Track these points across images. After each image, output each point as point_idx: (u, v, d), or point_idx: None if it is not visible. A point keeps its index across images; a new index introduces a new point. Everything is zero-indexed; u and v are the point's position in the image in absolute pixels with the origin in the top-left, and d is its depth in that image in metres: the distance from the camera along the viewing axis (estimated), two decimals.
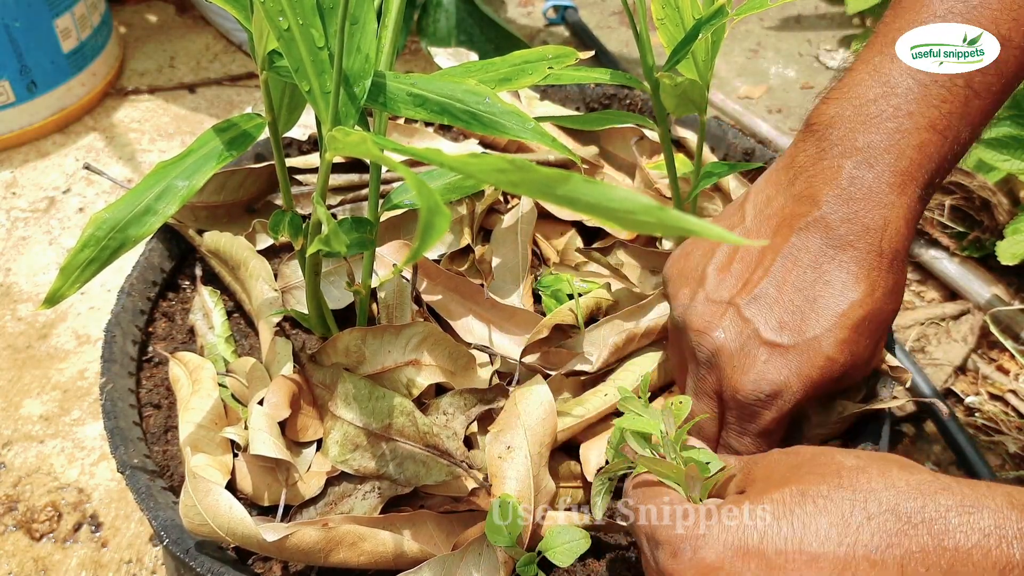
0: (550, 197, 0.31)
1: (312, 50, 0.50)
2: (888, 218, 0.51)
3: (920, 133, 0.52)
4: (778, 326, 0.52)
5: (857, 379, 0.55)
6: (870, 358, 0.54)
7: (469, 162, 0.32)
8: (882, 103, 0.52)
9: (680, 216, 0.30)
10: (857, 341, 0.51)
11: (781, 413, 0.52)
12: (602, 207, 0.30)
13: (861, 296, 0.51)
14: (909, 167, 0.52)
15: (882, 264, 0.52)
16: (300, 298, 0.67)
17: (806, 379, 0.51)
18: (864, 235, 0.51)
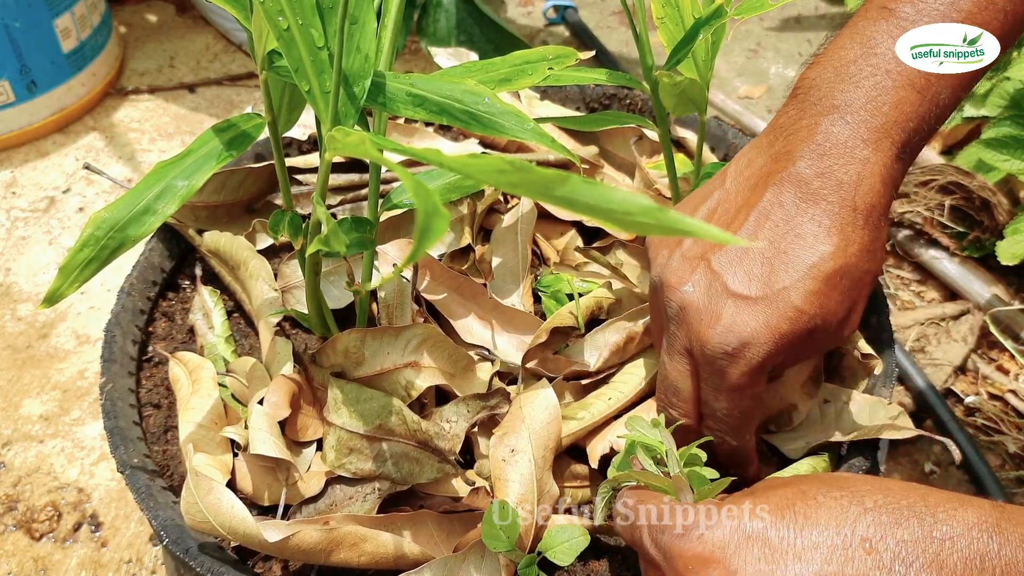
0: (549, 198, 0.31)
1: (312, 50, 0.50)
2: (862, 173, 0.51)
3: (898, 91, 0.51)
4: (747, 278, 0.51)
5: (831, 342, 0.53)
6: (844, 318, 0.52)
7: (468, 163, 0.32)
8: (861, 63, 0.53)
9: (679, 217, 0.30)
10: (828, 295, 0.51)
11: (751, 366, 0.51)
12: (601, 208, 0.30)
13: (833, 249, 0.51)
14: (885, 123, 0.51)
15: (856, 220, 0.51)
16: (300, 297, 0.67)
17: (775, 330, 0.50)
18: (837, 189, 0.51)
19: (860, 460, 0.56)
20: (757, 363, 0.51)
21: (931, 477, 0.87)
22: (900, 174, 0.53)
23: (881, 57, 0.52)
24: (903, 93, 0.51)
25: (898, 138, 0.52)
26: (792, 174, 0.52)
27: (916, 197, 1.04)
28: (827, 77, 0.53)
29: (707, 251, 0.53)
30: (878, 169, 0.51)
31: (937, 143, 1.16)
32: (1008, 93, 1.04)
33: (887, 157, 0.51)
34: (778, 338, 0.50)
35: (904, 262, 1.06)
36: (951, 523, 0.40)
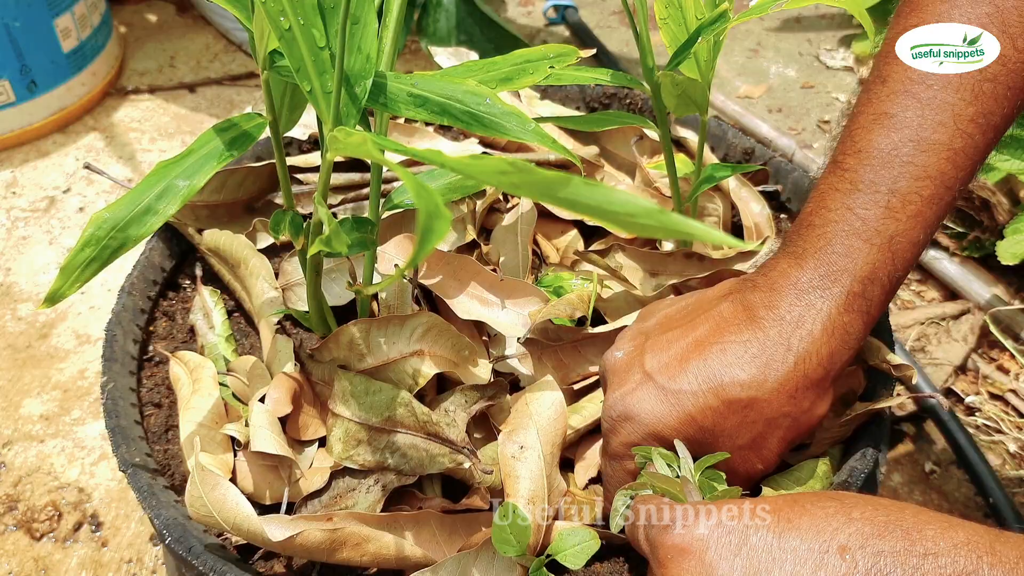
0: (551, 199, 0.31)
1: (313, 50, 0.50)
2: (804, 316, 0.51)
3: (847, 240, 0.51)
4: (663, 365, 0.53)
5: (738, 461, 0.53)
6: (747, 446, 0.52)
7: (470, 164, 0.32)
8: (815, 216, 0.53)
9: (681, 220, 0.30)
10: (726, 417, 0.51)
11: (627, 442, 0.53)
12: (603, 210, 0.30)
13: (747, 379, 0.51)
14: (834, 271, 0.51)
15: (786, 359, 0.51)
16: (301, 295, 0.67)
17: (659, 422, 0.52)
18: (777, 324, 0.51)
19: (861, 459, 0.56)
20: (633, 440, 0.53)
21: (931, 477, 0.87)
22: (853, 328, 0.51)
23: (830, 211, 0.52)
24: (850, 241, 0.51)
25: (848, 287, 0.51)
26: (747, 298, 0.53)
27: None
28: (794, 230, 0.55)
29: (651, 330, 0.56)
30: (822, 316, 0.51)
31: None
32: None
33: (834, 306, 0.51)
34: (659, 430, 0.52)
35: None
36: (937, 540, 0.40)
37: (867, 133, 0.52)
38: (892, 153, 0.51)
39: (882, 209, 0.51)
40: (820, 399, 0.52)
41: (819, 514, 0.42)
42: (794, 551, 0.41)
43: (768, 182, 0.79)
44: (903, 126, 0.51)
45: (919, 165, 0.51)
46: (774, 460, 0.53)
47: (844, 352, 0.52)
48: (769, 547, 0.41)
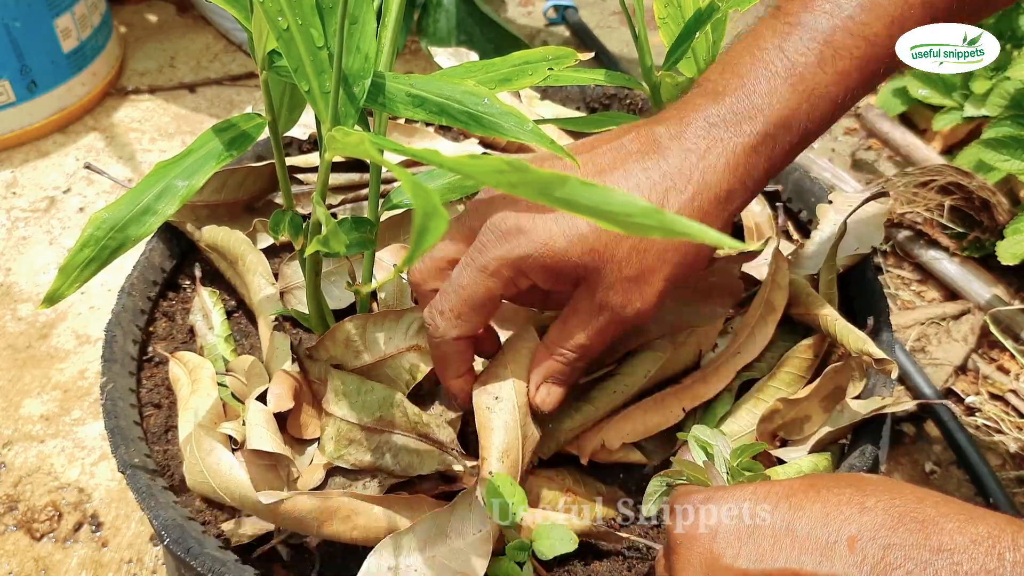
0: (548, 199, 0.31)
1: (311, 50, 0.50)
2: (709, 148, 0.50)
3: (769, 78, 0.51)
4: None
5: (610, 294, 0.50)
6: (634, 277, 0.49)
7: (467, 163, 0.32)
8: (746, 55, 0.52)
9: (678, 219, 0.30)
10: (619, 240, 0.49)
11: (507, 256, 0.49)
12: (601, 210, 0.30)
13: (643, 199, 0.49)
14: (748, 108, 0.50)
15: (684, 189, 0.49)
16: (300, 298, 0.67)
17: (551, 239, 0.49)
18: (681, 154, 0.50)
19: (860, 457, 0.56)
20: (515, 256, 0.49)
21: (931, 477, 0.87)
22: (756, 169, 0.51)
23: (761, 50, 0.52)
24: (774, 82, 0.51)
25: (761, 127, 0.50)
26: (653, 130, 0.52)
27: (916, 198, 1.04)
28: (716, 69, 0.53)
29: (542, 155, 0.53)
30: (728, 151, 0.50)
31: (937, 143, 1.16)
32: (1008, 93, 1.04)
33: (740, 143, 0.50)
34: (548, 247, 0.49)
35: (904, 262, 1.06)
36: (955, 535, 0.38)
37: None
38: (835, 4, 0.51)
39: (814, 57, 0.50)
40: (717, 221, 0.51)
41: (832, 500, 0.40)
42: (803, 539, 0.40)
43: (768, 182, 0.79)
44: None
45: (859, 22, 0.50)
46: (653, 301, 0.51)
47: (742, 192, 0.51)
48: (776, 534, 0.40)
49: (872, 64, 0.51)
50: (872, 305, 0.66)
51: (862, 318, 0.66)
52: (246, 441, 0.57)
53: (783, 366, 0.62)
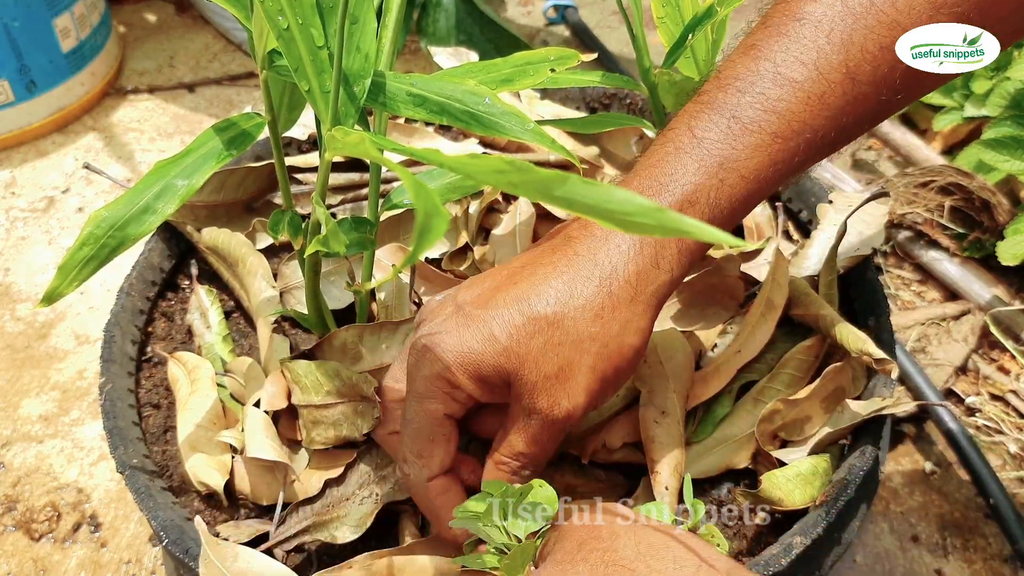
0: (548, 198, 0.31)
1: (312, 49, 0.50)
2: (612, 233, 0.49)
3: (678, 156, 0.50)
4: (474, 294, 0.50)
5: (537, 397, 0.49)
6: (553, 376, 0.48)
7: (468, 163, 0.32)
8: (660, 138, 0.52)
9: (679, 217, 0.30)
10: (531, 336, 0.48)
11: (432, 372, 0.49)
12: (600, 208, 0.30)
13: (553, 293, 0.48)
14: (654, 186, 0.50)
15: (592, 276, 0.49)
16: (300, 298, 0.67)
17: (464, 346, 0.48)
18: (588, 241, 0.49)
19: (860, 458, 0.56)
20: (436, 370, 0.49)
21: (931, 477, 0.87)
22: (665, 249, 0.49)
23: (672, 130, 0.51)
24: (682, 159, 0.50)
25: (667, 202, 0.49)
26: (568, 228, 0.52)
27: (916, 198, 1.04)
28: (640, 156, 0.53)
29: (477, 276, 0.53)
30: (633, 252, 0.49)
31: (938, 143, 1.16)
32: (1008, 93, 1.04)
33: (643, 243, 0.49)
34: (464, 354, 0.48)
35: (904, 263, 1.06)
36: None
37: (732, 65, 0.51)
38: (748, 81, 0.50)
39: (721, 132, 0.49)
40: (630, 325, 0.49)
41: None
42: None
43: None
44: (765, 58, 0.50)
45: (770, 98, 0.49)
46: (581, 400, 0.49)
47: (654, 272, 0.49)
48: None
49: (789, 139, 0.49)
50: (872, 306, 0.66)
51: (863, 319, 0.66)
52: (245, 448, 0.57)
53: (783, 367, 0.62)
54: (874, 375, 0.61)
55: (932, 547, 0.82)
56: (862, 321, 0.65)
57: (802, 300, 0.63)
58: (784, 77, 0.49)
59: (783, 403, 0.59)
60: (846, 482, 0.55)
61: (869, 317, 0.65)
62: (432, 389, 0.49)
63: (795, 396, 0.59)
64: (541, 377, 0.48)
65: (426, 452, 0.51)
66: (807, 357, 0.62)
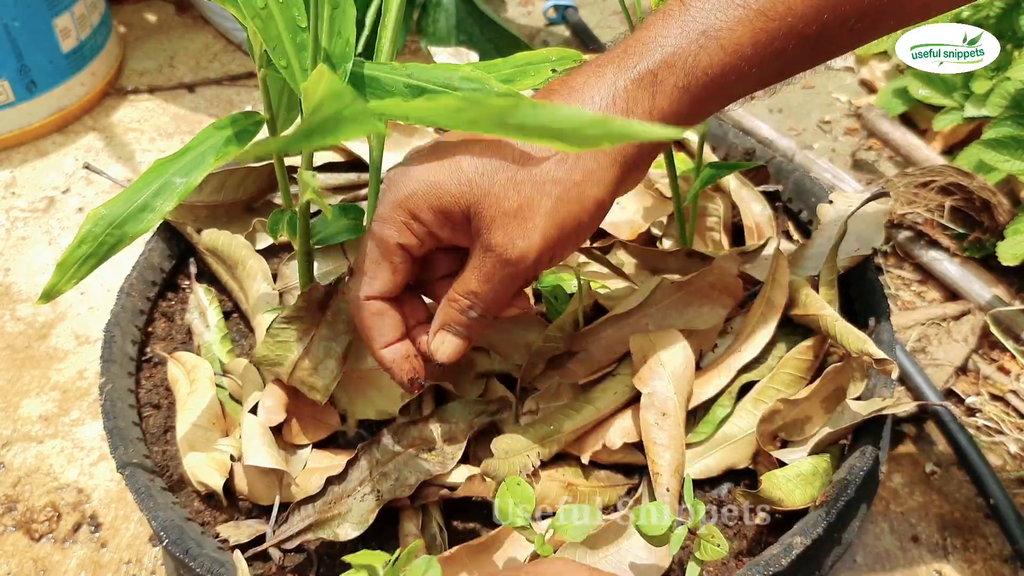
0: (504, 128, 0.31)
1: (292, 28, 0.50)
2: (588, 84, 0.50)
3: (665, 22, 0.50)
4: (451, 139, 0.50)
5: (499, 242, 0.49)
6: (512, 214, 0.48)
7: (425, 107, 0.33)
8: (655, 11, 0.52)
9: (625, 123, 0.31)
10: (496, 171, 0.48)
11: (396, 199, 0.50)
12: (551, 128, 0.31)
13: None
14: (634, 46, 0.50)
15: None
16: None
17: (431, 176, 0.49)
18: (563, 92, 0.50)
19: (860, 458, 0.56)
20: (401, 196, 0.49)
21: (932, 478, 0.87)
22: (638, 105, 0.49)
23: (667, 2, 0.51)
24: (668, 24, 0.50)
25: (644, 65, 0.49)
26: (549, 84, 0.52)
27: (916, 198, 1.04)
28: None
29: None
30: (606, 85, 0.49)
31: (938, 143, 1.16)
32: (1009, 93, 1.04)
33: (624, 78, 0.49)
34: (429, 183, 0.49)
35: (905, 263, 1.05)
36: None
37: None
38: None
39: (708, 2, 0.50)
40: (593, 176, 0.49)
41: None
42: None
43: (769, 182, 0.78)
44: None
45: None
46: (536, 241, 0.49)
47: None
48: None
49: (774, 20, 0.50)
50: (873, 306, 0.66)
51: (863, 319, 0.66)
52: (243, 456, 0.57)
53: (783, 367, 0.62)
54: (874, 375, 0.60)
55: (932, 547, 0.82)
56: (862, 321, 0.65)
57: (802, 300, 0.63)
58: None
59: (783, 403, 0.59)
60: (846, 482, 0.55)
61: (869, 317, 0.65)
62: (392, 216, 0.50)
63: (795, 396, 0.59)
64: (500, 213, 0.48)
65: (370, 272, 0.51)
66: (807, 357, 0.62)
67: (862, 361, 0.59)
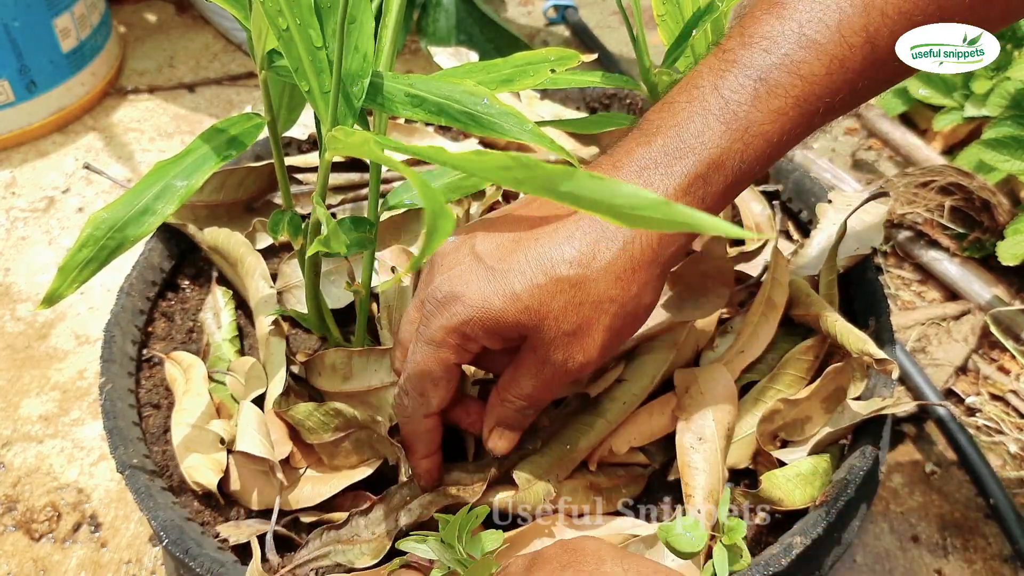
0: (554, 194, 0.31)
1: (310, 50, 0.50)
2: None
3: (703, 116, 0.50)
4: (493, 246, 0.50)
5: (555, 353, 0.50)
6: (571, 332, 0.49)
7: (473, 160, 0.32)
8: (682, 94, 0.51)
9: (689, 212, 0.30)
10: (552, 296, 0.49)
11: (449, 324, 0.50)
12: (606, 203, 0.30)
13: (575, 255, 0.49)
14: (680, 148, 0.50)
15: (614, 239, 0.49)
16: (300, 298, 0.67)
17: (485, 301, 0.49)
18: None
19: (861, 458, 0.56)
20: (455, 323, 0.50)
21: (932, 478, 0.87)
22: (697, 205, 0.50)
23: (698, 88, 0.51)
24: (708, 120, 0.50)
25: (692, 167, 0.49)
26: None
27: (916, 198, 1.04)
28: (655, 108, 0.52)
29: (493, 217, 0.53)
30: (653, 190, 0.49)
31: (938, 143, 1.16)
32: (1009, 93, 1.04)
33: (672, 185, 0.49)
34: (485, 310, 0.49)
35: (904, 263, 1.05)
36: None
37: (756, 22, 0.51)
38: (773, 42, 0.50)
39: (748, 95, 0.49)
40: (648, 286, 0.50)
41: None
42: None
43: (768, 182, 0.78)
44: (791, 18, 0.50)
45: (796, 60, 0.49)
46: (595, 355, 0.51)
47: (675, 236, 0.50)
48: None
49: (810, 103, 0.50)
50: (873, 305, 0.66)
51: (863, 318, 0.66)
52: (235, 441, 0.57)
53: (783, 367, 0.62)
54: (874, 375, 0.61)
55: (932, 547, 0.82)
56: (862, 321, 0.65)
57: (802, 300, 0.63)
58: (809, 39, 0.49)
59: (783, 403, 0.59)
60: (846, 482, 0.55)
61: (869, 317, 0.65)
62: (447, 340, 0.50)
63: (795, 396, 0.59)
64: (560, 334, 0.49)
65: (428, 392, 0.52)
66: (807, 357, 0.62)
67: (862, 361, 0.59)
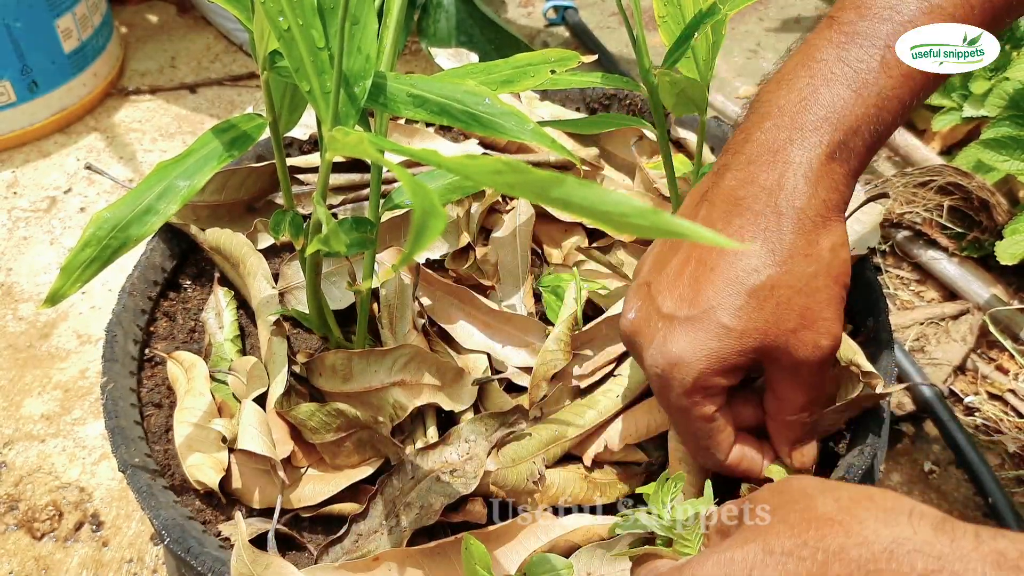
0: (545, 199, 0.31)
1: (312, 50, 0.50)
2: (784, 176, 0.49)
3: (831, 88, 0.50)
4: (676, 300, 0.50)
5: (800, 350, 0.50)
6: (796, 328, 0.49)
7: (465, 164, 0.33)
8: (800, 69, 0.52)
9: (673, 220, 0.30)
10: (759, 307, 0.49)
11: (684, 387, 0.50)
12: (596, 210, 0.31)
13: (757, 262, 0.49)
14: (814, 120, 0.50)
15: (782, 225, 0.49)
16: (301, 298, 0.67)
17: (702, 349, 0.49)
18: (761, 196, 0.50)
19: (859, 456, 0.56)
20: (689, 383, 0.50)
21: (930, 477, 0.87)
22: (841, 176, 0.50)
23: (819, 61, 0.51)
24: (837, 90, 0.50)
25: (830, 136, 0.50)
26: (722, 188, 0.52)
27: (915, 198, 1.04)
28: (770, 88, 0.53)
29: (650, 276, 0.53)
30: (802, 170, 0.49)
31: (936, 143, 1.16)
32: (1007, 93, 1.04)
33: (815, 156, 0.50)
34: (707, 356, 0.49)
35: (903, 262, 1.06)
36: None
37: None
38: (892, 9, 0.50)
39: (876, 63, 0.50)
40: (836, 242, 0.50)
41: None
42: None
43: None
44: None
45: (919, 25, 0.50)
46: (836, 327, 0.50)
47: (836, 196, 0.50)
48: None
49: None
50: (871, 305, 0.66)
51: (861, 318, 0.66)
52: (237, 440, 0.57)
53: None
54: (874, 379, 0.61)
55: None
56: (860, 321, 0.65)
57: None
58: (931, 4, 0.50)
59: None
60: (844, 481, 0.55)
61: (867, 317, 0.65)
62: (691, 402, 0.51)
63: None
64: (791, 338, 0.49)
65: (712, 445, 0.52)
66: None
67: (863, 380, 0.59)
